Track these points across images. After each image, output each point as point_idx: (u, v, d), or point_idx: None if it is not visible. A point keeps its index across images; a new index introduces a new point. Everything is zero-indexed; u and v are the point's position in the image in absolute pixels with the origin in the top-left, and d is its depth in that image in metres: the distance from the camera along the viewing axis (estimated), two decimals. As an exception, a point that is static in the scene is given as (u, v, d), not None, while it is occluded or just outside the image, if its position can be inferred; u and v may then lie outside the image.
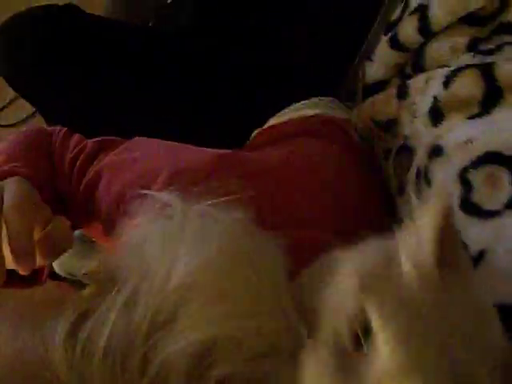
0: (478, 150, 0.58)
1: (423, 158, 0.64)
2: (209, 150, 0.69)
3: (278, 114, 0.92)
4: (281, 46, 1.04)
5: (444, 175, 0.60)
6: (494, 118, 0.59)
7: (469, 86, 0.62)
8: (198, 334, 0.41)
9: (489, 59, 0.63)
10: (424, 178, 0.63)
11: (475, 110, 0.61)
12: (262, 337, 0.41)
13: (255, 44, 1.08)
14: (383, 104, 0.74)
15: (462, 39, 0.68)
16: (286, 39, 1.06)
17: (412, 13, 0.72)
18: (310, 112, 0.87)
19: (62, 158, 0.75)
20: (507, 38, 0.65)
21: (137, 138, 0.75)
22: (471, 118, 0.61)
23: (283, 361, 0.41)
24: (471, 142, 0.58)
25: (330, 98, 0.93)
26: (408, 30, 0.72)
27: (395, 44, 0.75)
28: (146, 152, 0.71)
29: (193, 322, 0.41)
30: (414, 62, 0.73)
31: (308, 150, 0.72)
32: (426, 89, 0.67)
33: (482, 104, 0.61)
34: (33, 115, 2.00)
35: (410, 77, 0.72)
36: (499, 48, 0.64)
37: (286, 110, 0.92)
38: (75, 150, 0.75)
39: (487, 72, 0.61)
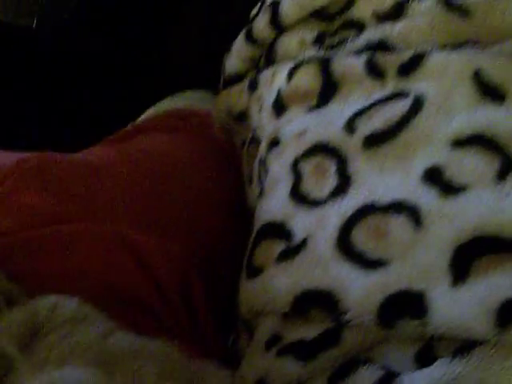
0: (309, 141, 0.59)
1: (264, 149, 0.64)
2: (13, 154, 0.66)
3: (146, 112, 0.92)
4: (158, 43, 1.04)
5: (278, 166, 0.60)
6: (327, 110, 0.60)
7: (308, 79, 0.63)
8: None
9: (332, 54, 0.64)
10: (263, 168, 0.64)
11: (313, 103, 0.62)
12: None
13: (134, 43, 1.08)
14: (237, 96, 0.74)
15: (310, 34, 0.69)
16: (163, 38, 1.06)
17: (266, 8, 0.73)
18: (171, 105, 0.87)
19: None
20: (350, 34, 0.66)
21: None
22: (310, 110, 0.62)
23: None
24: (305, 134, 0.59)
25: (202, 91, 0.93)
26: (261, 24, 0.73)
27: (249, 37, 0.75)
28: None
29: None
30: (266, 56, 0.73)
31: (145, 144, 0.72)
32: (272, 82, 0.67)
33: (320, 97, 0.62)
34: None
35: (262, 70, 0.73)
36: (341, 43, 0.66)
37: (151, 109, 0.91)
38: None
39: (325, 66, 0.62)
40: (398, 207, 0.49)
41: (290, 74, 0.65)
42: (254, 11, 0.78)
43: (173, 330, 0.53)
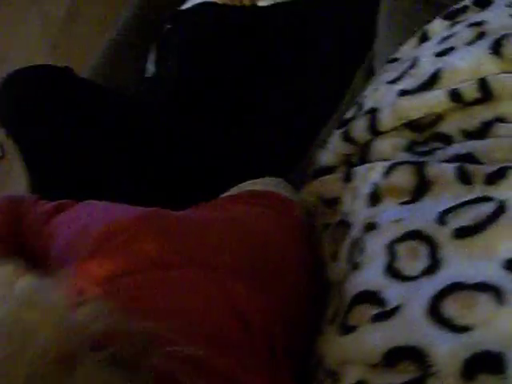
0: (405, 228, 0.71)
1: (359, 231, 0.76)
2: (134, 208, 0.79)
3: (230, 190, 1.03)
4: (246, 129, 1.18)
5: (375, 246, 0.72)
6: (421, 204, 0.73)
7: (403, 178, 0.76)
8: None
9: (422, 159, 0.77)
10: (357, 247, 0.75)
11: (406, 198, 0.75)
12: None
13: (227, 123, 1.22)
14: (330, 184, 0.87)
15: (402, 140, 0.82)
16: (250, 124, 1.20)
17: (365, 113, 0.87)
18: (259, 187, 0.99)
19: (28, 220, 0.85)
20: (438, 145, 0.80)
21: (88, 200, 0.85)
22: (403, 203, 0.74)
23: None
24: (401, 222, 0.71)
25: (280, 179, 1.05)
26: (359, 128, 0.87)
27: (346, 138, 0.89)
28: (87, 212, 0.82)
29: None
30: (360, 154, 0.86)
31: (242, 212, 0.84)
32: (368, 176, 0.80)
33: (413, 194, 0.74)
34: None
35: (355, 165, 0.86)
36: (431, 152, 0.79)
37: (235, 188, 1.03)
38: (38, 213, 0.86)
39: (420, 168, 0.75)
40: (484, 287, 0.60)
41: (387, 172, 0.77)
42: (349, 115, 0.92)
43: (255, 369, 0.64)
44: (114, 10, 2.70)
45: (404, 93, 0.84)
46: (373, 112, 0.86)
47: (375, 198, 0.77)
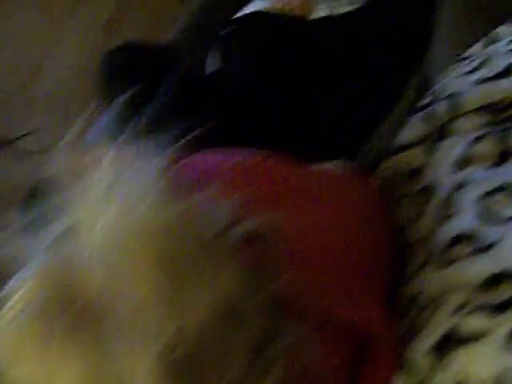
0: (491, 185, 0.83)
1: (447, 192, 0.88)
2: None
3: None
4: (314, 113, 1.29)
5: (465, 200, 0.84)
6: (503, 168, 0.85)
7: (488, 146, 0.88)
8: None
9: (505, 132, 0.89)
10: (447, 204, 0.87)
11: (491, 163, 0.87)
12: None
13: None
14: (412, 158, 0.99)
15: (481, 119, 0.94)
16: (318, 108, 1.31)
17: (445, 98, 0.99)
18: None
19: None
20: (514, 124, 0.92)
21: None
22: (487, 168, 0.87)
23: None
24: (489, 179, 0.84)
25: (349, 162, 1.16)
26: (440, 109, 0.99)
27: (427, 119, 1.01)
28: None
29: None
30: (440, 132, 0.99)
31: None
32: (454, 147, 0.92)
33: (498, 159, 0.86)
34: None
35: (435, 142, 0.98)
36: (508, 129, 0.91)
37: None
38: None
39: (503, 138, 0.87)
40: None
41: (472, 143, 0.90)
42: (426, 101, 1.04)
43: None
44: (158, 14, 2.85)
45: (481, 81, 0.96)
46: (452, 96, 0.98)
47: (462, 163, 0.89)
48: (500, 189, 0.81)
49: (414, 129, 1.02)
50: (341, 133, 1.32)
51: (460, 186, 0.86)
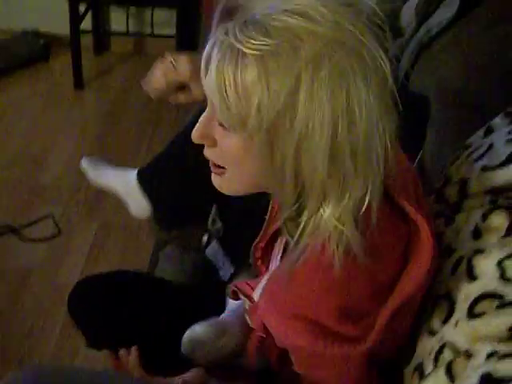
0: (507, 251, 0.98)
1: (465, 255, 1.03)
2: None
3: None
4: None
5: (484, 265, 0.99)
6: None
7: (499, 219, 1.04)
8: None
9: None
10: (465, 266, 1.02)
11: (503, 233, 1.03)
12: None
13: None
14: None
15: (487, 199, 1.11)
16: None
17: (455, 182, 1.16)
18: None
19: None
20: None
21: None
22: (501, 237, 1.02)
23: None
24: (504, 247, 0.99)
25: None
26: (452, 192, 1.16)
27: (440, 199, 1.17)
28: None
29: None
30: (453, 209, 1.15)
31: None
32: (469, 219, 1.08)
33: (508, 230, 1.02)
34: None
35: (450, 217, 1.14)
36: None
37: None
38: None
39: (509, 213, 1.03)
40: None
41: (484, 216, 1.06)
42: (439, 184, 1.21)
43: None
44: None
45: (486, 168, 1.14)
46: (462, 181, 1.15)
47: (477, 233, 1.05)
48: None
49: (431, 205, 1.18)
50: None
51: (478, 252, 1.01)
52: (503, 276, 0.95)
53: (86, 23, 3.32)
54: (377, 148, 0.84)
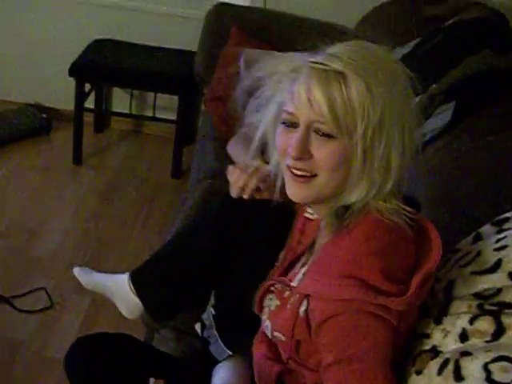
0: (494, 355, 1.06)
1: (451, 357, 1.10)
2: None
3: None
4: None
5: (471, 366, 1.06)
6: (499, 342, 1.09)
7: (486, 325, 1.12)
8: None
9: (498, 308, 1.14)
10: (450, 367, 1.09)
11: (488, 338, 1.10)
12: None
13: None
14: (423, 326, 1.22)
15: (473, 303, 1.19)
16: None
17: (443, 283, 1.24)
18: None
19: None
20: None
21: None
22: (486, 342, 1.10)
23: None
24: (489, 352, 1.07)
25: None
26: (440, 295, 1.24)
27: (430, 293, 1.25)
28: None
29: None
30: (441, 311, 1.23)
31: None
32: (456, 323, 1.16)
33: (493, 335, 1.10)
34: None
35: (437, 317, 1.21)
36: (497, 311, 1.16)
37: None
38: None
39: (496, 318, 1.11)
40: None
41: (471, 321, 1.14)
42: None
43: None
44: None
45: (474, 273, 1.22)
46: (450, 284, 1.24)
47: (464, 337, 1.12)
48: (499, 359, 1.04)
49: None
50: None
51: (466, 354, 1.08)
52: (488, 378, 1.02)
53: (89, 101, 3.43)
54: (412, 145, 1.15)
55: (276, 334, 1.24)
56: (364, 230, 1.13)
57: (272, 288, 1.29)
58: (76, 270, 1.72)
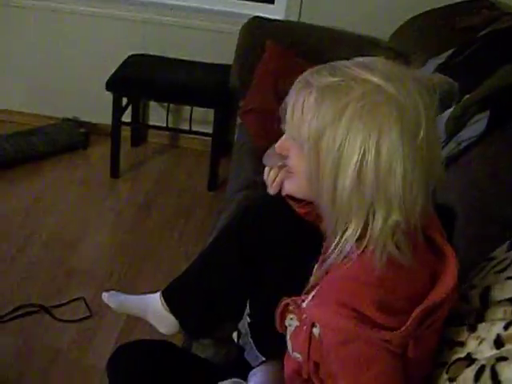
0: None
1: (488, 363, 1.10)
2: None
3: None
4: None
5: (509, 372, 1.06)
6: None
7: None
8: None
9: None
10: (486, 374, 1.09)
11: (524, 343, 1.10)
12: None
13: None
14: (455, 332, 1.22)
15: (508, 308, 1.19)
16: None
17: (479, 289, 1.25)
18: None
19: None
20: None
21: None
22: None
23: None
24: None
25: None
26: (475, 298, 1.24)
27: (465, 299, 1.25)
28: None
29: None
30: (476, 318, 1.23)
31: None
32: (491, 329, 1.16)
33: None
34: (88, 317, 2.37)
35: (472, 325, 1.22)
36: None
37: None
38: None
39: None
40: None
41: (507, 326, 1.14)
42: (463, 287, 1.29)
43: None
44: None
45: (510, 278, 1.22)
46: (486, 289, 1.24)
47: (500, 343, 1.12)
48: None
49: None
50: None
51: (502, 359, 1.08)
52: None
53: (125, 115, 3.49)
54: (398, 187, 1.05)
55: (295, 354, 1.24)
56: (364, 259, 1.10)
57: (290, 307, 1.29)
58: (105, 296, 1.74)
